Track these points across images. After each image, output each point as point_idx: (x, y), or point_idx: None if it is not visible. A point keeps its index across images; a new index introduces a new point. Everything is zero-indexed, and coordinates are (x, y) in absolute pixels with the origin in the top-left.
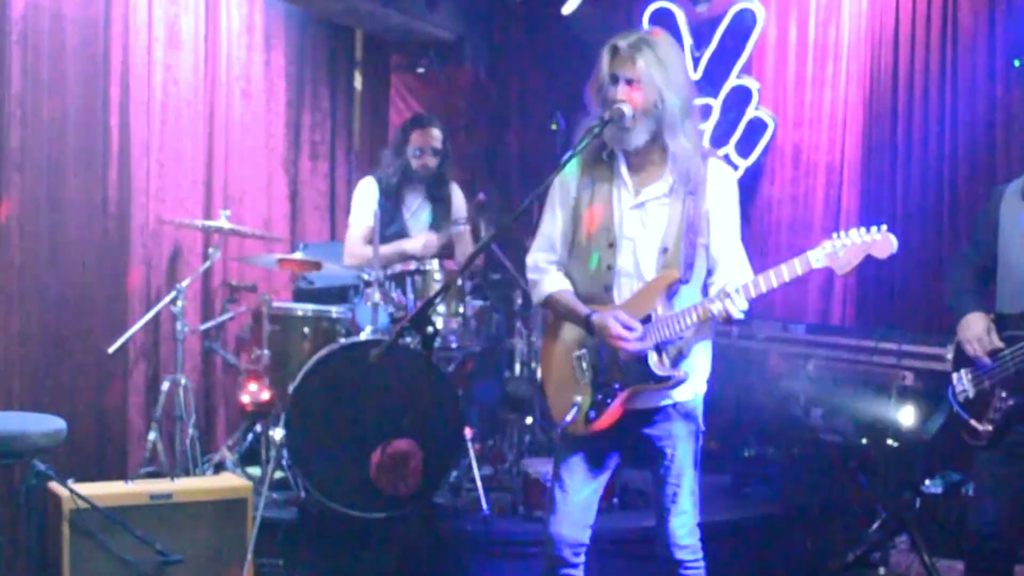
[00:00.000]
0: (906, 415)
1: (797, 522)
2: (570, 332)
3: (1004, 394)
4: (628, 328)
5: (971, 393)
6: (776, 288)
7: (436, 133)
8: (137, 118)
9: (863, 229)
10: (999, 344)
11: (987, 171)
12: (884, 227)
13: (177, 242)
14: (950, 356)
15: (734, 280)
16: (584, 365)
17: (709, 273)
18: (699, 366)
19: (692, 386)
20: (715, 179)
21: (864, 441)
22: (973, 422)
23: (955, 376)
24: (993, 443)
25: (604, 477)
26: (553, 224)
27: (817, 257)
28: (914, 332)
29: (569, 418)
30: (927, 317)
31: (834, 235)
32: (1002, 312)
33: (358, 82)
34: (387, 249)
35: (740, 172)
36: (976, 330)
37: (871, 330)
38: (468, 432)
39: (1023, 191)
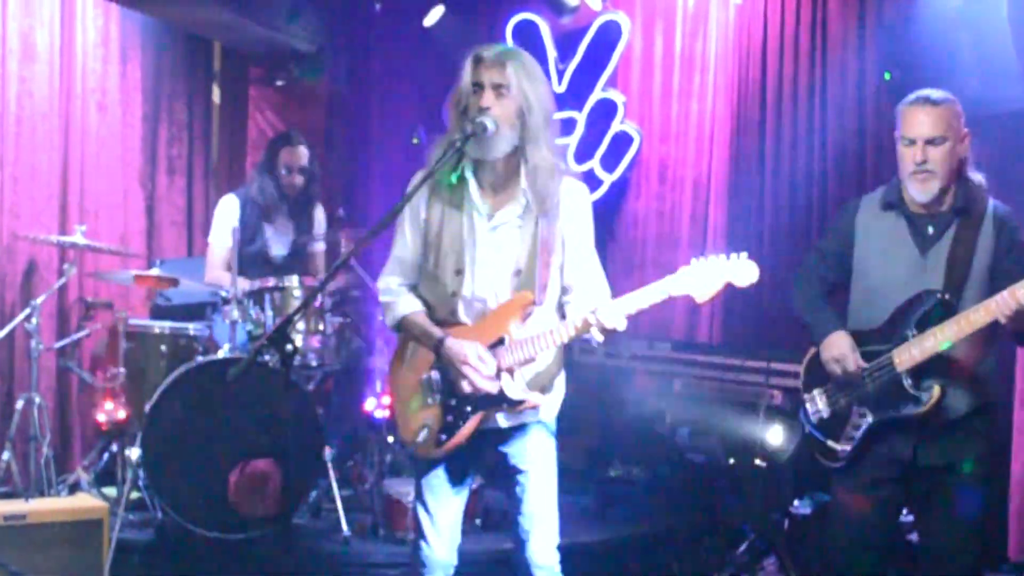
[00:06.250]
0: (774, 434)
1: (663, 543)
2: (420, 352)
3: (863, 412)
4: (482, 360)
5: (826, 413)
6: (634, 314)
7: (303, 151)
8: None
9: (723, 256)
10: (863, 364)
11: (856, 185)
12: (744, 254)
13: (32, 258)
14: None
15: (598, 301)
16: (434, 386)
17: (564, 292)
18: (554, 387)
19: (547, 406)
20: (569, 198)
21: (732, 461)
22: (830, 442)
23: (807, 397)
24: (852, 462)
25: (466, 493)
26: (404, 248)
27: (675, 284)
28: (782, 350)
29: (420, 440)
30: (795, 334)
31: (693, 261)
32: (858, 329)
33: (216, 95)
34: (247, 284)
35: (605, 187)
36: (842, 349)
37: (739, 348)
38: (328, 452)
39: (882, 202)
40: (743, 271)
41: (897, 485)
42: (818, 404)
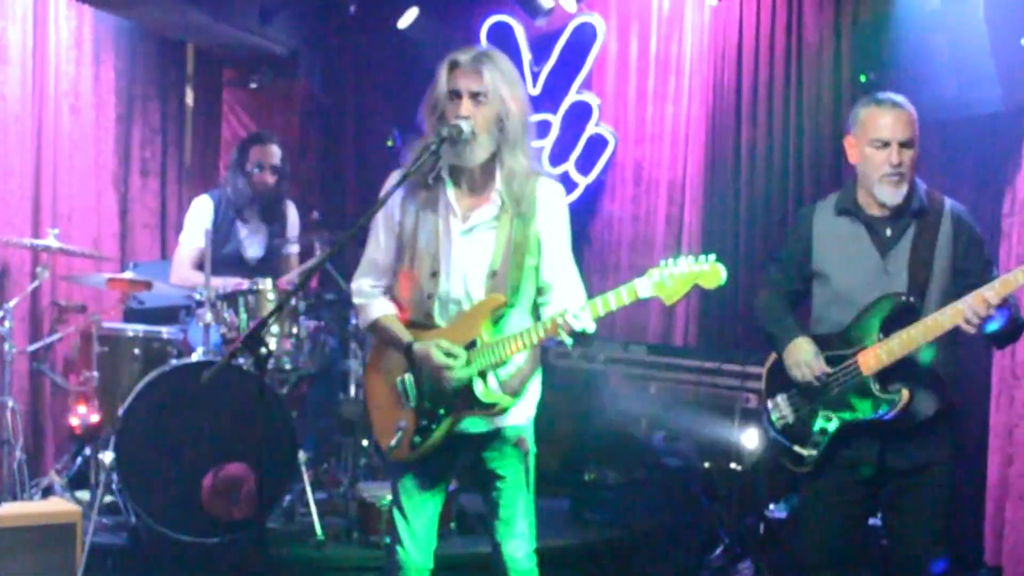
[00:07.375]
0: (749, 438)
1: (638, 547)
2: (395, 356)
3: (828, 416)
4: (451, 356)
5: (791, 418)
6: (604, 315)
7: (275, 150)
8: None
9: (691, 258)
10: (827, 368)
11: (832, 188)
12: (712, 256)
13: (5, 261)
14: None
15: (568, 304)
16: (409, 390)
17: (540, 293)
18: (528, 390)
19: (521, 410)
20: (545, 199)
21: (707, 465)
22: (797, 448)
23: (770, 403)
24: (820, 468)
25: (441, 497)
26: (378, 250)
27: (643, 286)
28: (758, 353)
29: (393, 443)
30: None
31: (661, 263)
32: (818, 333)
33: (189, 97)
34: (219, 282)
35: (580, 189)
36: (805, 354)
37: (714, 351)
38: (302, 455)
39: (836, 208)
40: (710, 273)
41: (865, 488)
42: (782, 410)
